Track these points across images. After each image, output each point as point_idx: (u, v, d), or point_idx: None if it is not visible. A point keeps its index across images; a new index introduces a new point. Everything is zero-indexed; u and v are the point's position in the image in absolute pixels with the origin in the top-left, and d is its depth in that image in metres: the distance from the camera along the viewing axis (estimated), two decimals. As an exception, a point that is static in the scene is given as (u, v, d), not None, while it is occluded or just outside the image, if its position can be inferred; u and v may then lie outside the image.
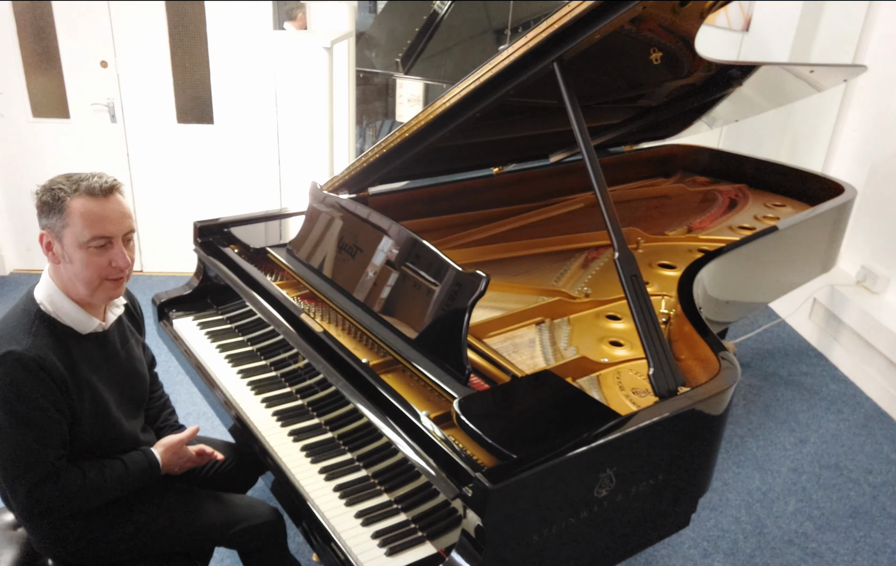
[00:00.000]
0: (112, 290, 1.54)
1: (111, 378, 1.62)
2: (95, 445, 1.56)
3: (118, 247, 1.51)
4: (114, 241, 1.50)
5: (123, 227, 1.52)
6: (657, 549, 2.50)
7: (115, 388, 1.63)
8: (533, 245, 2.59)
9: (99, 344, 1.60)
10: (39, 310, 1.50)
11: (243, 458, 1.99)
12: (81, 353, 1.54)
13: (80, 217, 1.45)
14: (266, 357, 2.12)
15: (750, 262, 2.53)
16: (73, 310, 1.53)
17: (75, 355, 1.52)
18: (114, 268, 1.50)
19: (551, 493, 1.30)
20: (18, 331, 1.46)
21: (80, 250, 1.47)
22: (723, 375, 1.58)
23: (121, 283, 1.56)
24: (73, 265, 1.48)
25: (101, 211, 1.47)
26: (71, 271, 1.49)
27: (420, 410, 1.52)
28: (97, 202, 1.47)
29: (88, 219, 1.46)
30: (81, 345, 1.55)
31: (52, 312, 1.51)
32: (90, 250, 1.47)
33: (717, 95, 2.74)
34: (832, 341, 3.85)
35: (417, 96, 6.26)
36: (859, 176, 3.68)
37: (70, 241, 1.47)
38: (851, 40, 3.79)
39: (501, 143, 2.63)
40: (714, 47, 2.71)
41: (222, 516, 1.72)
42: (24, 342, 1.43)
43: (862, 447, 3.16)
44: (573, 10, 1.65)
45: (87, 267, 1.48)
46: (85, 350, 1.55)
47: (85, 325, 1.55)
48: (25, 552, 1.65)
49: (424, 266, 1.75)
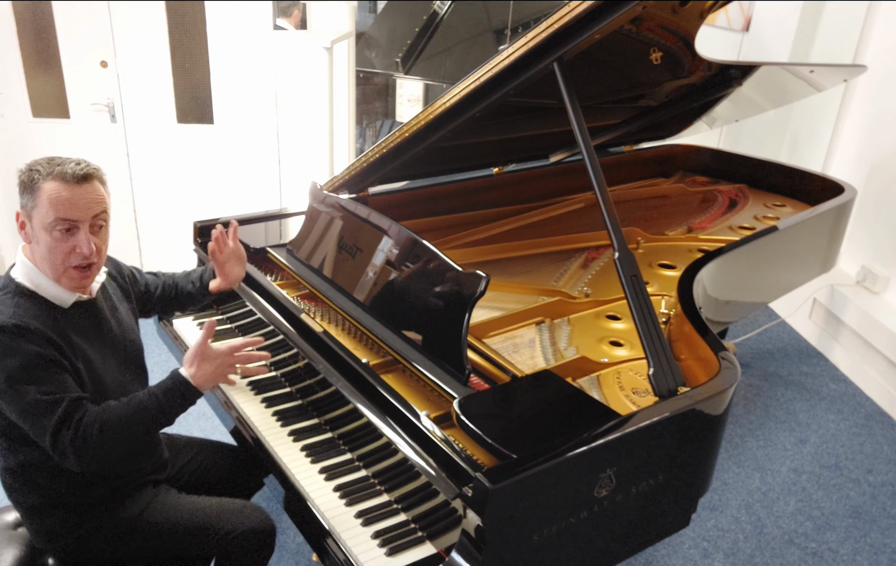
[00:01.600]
0: (78, 280, 1.52)
1: (105, 347, 1.62)
2: None
3: (83, 233, 1.49)
4: (80, 226, 1.48)
5: (90, 213, 1.50)
6: (657, 549, 2.50)
7: (110, 357, 1.62)
8: (533, 245, 2.59)
9: (87, 313, 1.59)
10: (18, 285, 1.50)
11: (245, 463, 1.98)
12: (70, 323, 1.54)
13: (46, 199, 1.45)
14: (266, 357, 2.12)
15: (750, 262, 2.53)
16: (51, 287, 1.52)
17: (63, 323, 1.51)
18: (77, 254, 1.49)
19: (551, 493, 1.30)
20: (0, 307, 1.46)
21: (45, 233, 1.47)
22: (723, 375, 1.58)
23: (88, 273, 1.53)
24: (39, 247, 1.49)
25: (69, 195, 1.46)
26: (38, 253, 1.50)
27: (420, 410, 1.52)
28: (67, 187, 1.46)
29: (54, 202, 1.45)
30: (68, 316, 1.54)
31: (31, 286, 1.51)
32: (54, 234, 1.47)
33: (717, 95, 2.74)
34: (832, 341, 3.85)
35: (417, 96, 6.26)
36: (859, 176, 3.68)
37: (37, 223, 1.47)
38: (851, 40, 3.79)
39: (501, 143, 2.63)
40: (714, 47, 2.72)
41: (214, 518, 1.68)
42: (5, 314, 1.43)
43: (862, 447, 3.16)
44: (573, 10, 1.65)
45: (52, 251, 1.48)
46: (73, 320, 1.55)
47: (65, 299, 1.54)
48: (26, 552, 1.65)
49: (424, 266, 1.75)
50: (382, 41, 4.99)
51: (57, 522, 1.58)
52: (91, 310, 1.61)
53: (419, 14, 4.72)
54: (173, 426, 1.61)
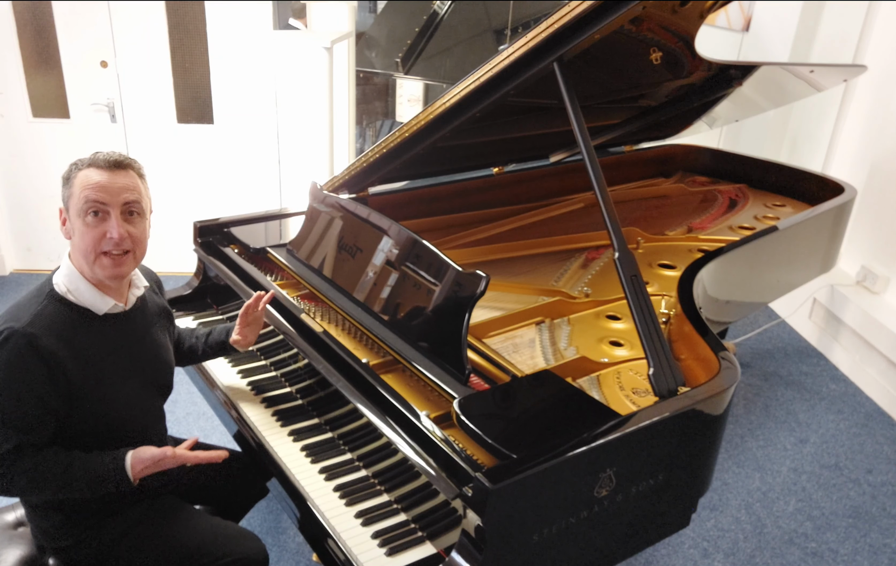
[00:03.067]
0: (110, 268, 1.50)
1: (129, 362, 1.60)
2: (99, 428, 1.55)
3: (114, 218, 1.49)
4: (111, 212, 1.48)
5: (121, 198, 1.49)
6: (657, 549, 2.50)
7: (133, 373, 1.61)
8: (533, 245, 2.59)
9: (118, 326, 1.59)
10: (52, 290, 1.51)
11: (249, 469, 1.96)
12: (94, 335, 1.53)
13: (79, 185, 1.47)
14: (266, 357, 2.12)
15: (750, 262, 2.53)
16: (87, 291, 1.52)
17: (84, 337, 1.51)
18: (108, 239, 1.48)
19: (551, 493, 1.30)
20: (24, 309, 1.47)
21: (79, 219, 1.48)
22: (723, 375, 1.58)
23: (121, 261, 1.51)
24: (75, 237, 1.50)
25: (100, 180, 1.47)
26: (74, 244, 1.51)
27: (420, 410, 1.52)
28: (99, 172, 1.48)
29: (86, 186, 1.46)
30: (96, 327, 1.54)
31: (67, 293, 1.51)
32: (86, 219, 1.47)
33: (717, 95, 2.74)
34: (832, 341, 3.85)
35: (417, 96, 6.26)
36: (859, 176, 3.68)
37: (73, 212, 1.49)
38: (851, 40, 3.79)
39: (501, 143, 2.63)
40: (714, 47, 2.71)
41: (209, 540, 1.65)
42: (24, 319, 1.44)
43: (862, 447, 3.16)
44: (573, 10, 1.65)
45: (83, 237, 1.48)
46: (100, 331, 1.54)
47: (100, 306, 1.54)
48: (27, 552, 1.65)
49: (424, 266, 1.75)
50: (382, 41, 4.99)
51: (57, 523, 1.58)
52: (123, 323, 1.60)
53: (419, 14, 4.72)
54: (175, 428, 1.61)
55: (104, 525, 1.60)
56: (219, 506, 2.01)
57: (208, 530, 1.68)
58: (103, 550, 1.60)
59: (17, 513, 1.76)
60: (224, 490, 1.95)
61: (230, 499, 1.99)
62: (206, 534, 1.67)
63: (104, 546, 1.60)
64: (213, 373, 2.08)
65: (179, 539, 1.64)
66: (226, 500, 1.98)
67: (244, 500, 2.06)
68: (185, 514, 1.70)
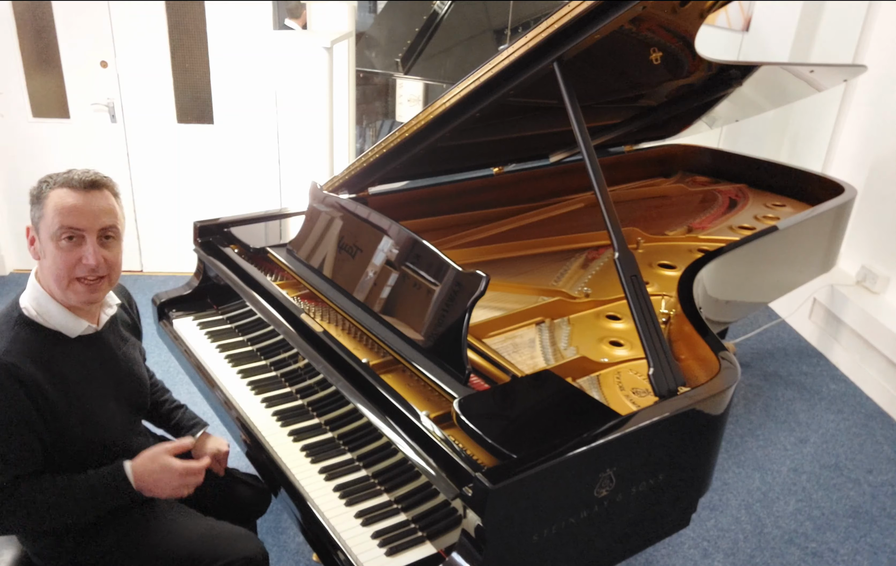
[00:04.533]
0: (85, 294, 1.46)
1: (106, 382, 1.57)
2: (83, 451, 1.51)
3: (90, 244, 1.43)
4: (86, 237, 1.43)
5: (98, 223, 1.44)
6: (657, 549, 2.50)
7: (110, 392, 1.58)
8: (533, 245, 2.59)
9: (91, 346, 1.54)
10: (21, 314, 1.46)
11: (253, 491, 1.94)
12: (69, 358, 1.49)
13: (52, 207, 1.41)
14: (266, 357, 2.12)
15: (750, 262, 2.53)
16: (58, 314, 1.47)
17: (60, 360, 1.46)
18: (84, 266, 1.43)
19: (551, 493, 1.30)
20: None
21: (51, 243, 1.42)
22: (723, 375, 1.58)
23: (96, 287, 1.46)
24: (45, 260, 1.44)
25: (75, 203, 1.41)
26: (45, 267, 1.45)
27: (420, 410, 1.52)
28: (73, 194, 1.42)
29: (59, 210, 1.40)
30: (70, 350, 1.49)
31: (37, 316, 1.46)
32: (60, 244, 1.41)
33: (717, 95, 2.74)
34: (832, 341, 3.85)
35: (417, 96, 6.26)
36: (859, 176, 3.68)
37: (44, 234, 1.43)
38: (851, 40, 3.79)
39: (501, 143, 2.63)
40: (714, 47, 2.71)
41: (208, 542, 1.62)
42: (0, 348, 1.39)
43: (862, 447, 3.16)
44: (573, 10, 1.65)
45: (56, 262, 1.42)
46: (74, 354, 1.50)
47: (72, 329, 1.49)
48: (21, 553, 1.64)
49: (424, 266, 1.75)
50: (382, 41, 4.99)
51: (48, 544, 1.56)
52: (96, 344, 1.56)
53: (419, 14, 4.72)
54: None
55: (97, 539, 1.57)
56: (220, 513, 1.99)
57: (204, 533, 1.66)
58: (100, 559, 1.58)
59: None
60: (225, 494, 1.93)
61: (232, 502, 1.96)
62: (202, 537, 1.64)
63: (100, 555, 1.57)
64: (213, 373, 2.08)
65: (178, 541, 1.62)
66: (226, 503, 1.97)
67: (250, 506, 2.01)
68: (179, 518, 1.68)
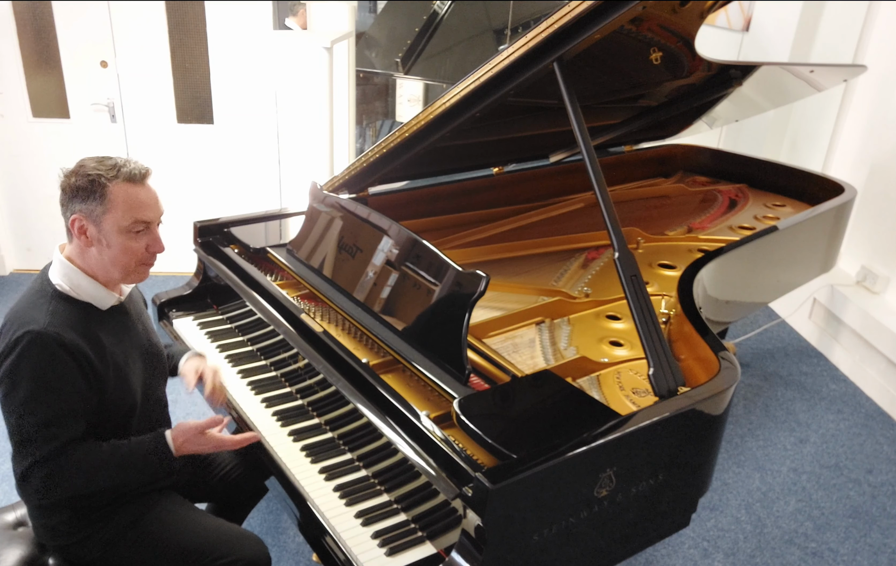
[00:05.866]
0: (143, 274, 1.58)
1: (133, 348, 1.64)
2: (114, 416, 1.57)
3: (155, 232, 1.56)
4: (151, 227, 1.55)
5: (160, 211, 1.58)
6: (657, 549, 2.50)
7: (138, 359, 1.65)
8: (533, 245, 2.59)
9: (119, 316, 1.62)
10: (55, 290, 1.51)
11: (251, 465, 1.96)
12: (103, 326, 1.55)
13: (122, 202, 1.48)
14: (266, 357, 2.12)
15: (750, 262, 2.53)
16: (91, 288, 1.54)
17: (97, 328, 1.53)
18: (149, 253, 1.55)
19: (551, 493, 1.30)
20: (36, 311, 1.47)
21: (120, 235, 1.50)
22: (723, 375, 1.58)
23: (152, 266, 1.61)
24: (110, 250, 1.51)
25: (144, 197, 1.52)
26: (107, 256, 1.51)
27: (420, 410, 1.52)
28: (138, 188, 1.52)
29: (130, 204, 1.49)
30: (102, 319, 1.56)
31: (70, 290, 1.52)
32: (129, 235, 1.51)
33: (717, 95, 2.74)
34: (832, 341, 3.85)
35: (417, 96, 6.26)
36: (859, 176, 3.68)
37: (110, 227, 1.49)
38: (851, 40, 3.79)
39: (501, 143, 2.63)
40: (714, 47, 2.71)
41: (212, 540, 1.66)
42: (42, 321, 1.44)
43: (862, 447, 3.16)
44: (573, 10, 1.65)
45: (126, 252, 1.51)
46: (106, 322, 1.57)
47: (104, 301, 1.57)
48: (28, 551, 1.65)
49: (424, 266, 1.75)
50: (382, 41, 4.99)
51: (64, 519, 1.58)
52: (122, 314, 1.63)
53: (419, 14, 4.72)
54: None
55: (110, 520, 1.60)
56: (220, 503, 2.02)
57: (211, 530, 1.68)
58: (106, 548, 1.60)
59: (17, 513, 1.76)
60: (225, 487, 1.95)
61: (231, 496, 1.99)
62: (208, 534, 1.67)
63: (107, 543, 1.60)
64: (213, 373, 2.08)
65: (182, 538, 1.64)
66: (226, 498, 1.99)
67: (245, 498, 2.06)
68: (187, 514, 1.71)
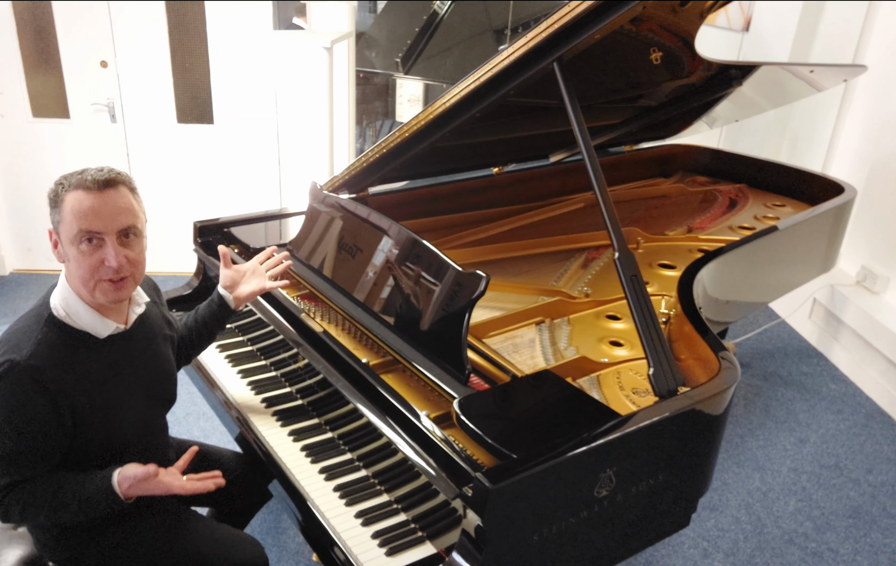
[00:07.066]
0: (112, 293, 1.43)
1: (134, 380, 1.55)
2: (100, 450, 1.51)
3: (110, 244, 1.40)
4: (105, 238, 1.39)
5: (116, 223, 1.40)
6: (657, 549, 2.50)
7: (139, 390, 1.57)
8: (533, 245, 2.59)
9: (120, 345, 1.53)
10: (51, 315, 1.44)
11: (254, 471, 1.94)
12: (97, 359, 1.47)
13: (69, 211, 1.37)
14: (266, 357, 2.12)
15: (750, 262, 2.53)
16: (87, 315, 1.45)
17: (87, 362, 1.46)
18: (107, 268, 1.39)
19: (551, 493, 1.30)
20: (24, 337, 1.40)
21: (72, 247, 1.39)
22: (723, 375, 1.58)
23: (121, 286, 1.44)
24: (70, 263, 1.42)
25: (91, 205, 1.37)
26: (72, 271, 1.43)
27: (420, 410, 1.52)
28: (88, 195, 1.37)
29: (76, 213, 1.37)
30: (98, 350, 1.48)
31: (66, 317, 1.44)
32: (81, 247, 1.38)
33: (717, 95, 2.74)
34: (832, 341, 3.85)
35: (417, 96, 6.26)
36: (859, 176, 3.68)
37: (64, 238, 1.40)
38: (851, 40, 3.79)
39: (501, 143, 2.63)
40: (714, 47, 2.71)
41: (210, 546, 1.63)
42: (25, 350, 1.38)
43: (862, 447, 3.16)
44: (573, 10, 1.65)
45: (79, 265, 1.40)
46: (102, 355, 1.49)
47: (101, 330, 1.47)
48: (28, 551, 1.64)
49: (424, 266, 1.75)
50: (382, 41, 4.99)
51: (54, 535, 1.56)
52: (125, 343, 1.54)
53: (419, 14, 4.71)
54: (175, 428, 1.60)
55: (103, 534, 1.58)
56: (221, 509, 2.01)
57: (209, 535, 1.67)
58: (103, 557, 1.59)
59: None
60: (226, 493, 1.93)
61: (232, 502, 1.98)
62: (206, 539, 1.65)
63: (104, 553, 1.58)
64: (213, 373, 2.08)
65: (180, 544, 1.63)
66: (228, 503, 1.98)
67: (247, 505, 2.04)
68: (186, 519, 1.69)
